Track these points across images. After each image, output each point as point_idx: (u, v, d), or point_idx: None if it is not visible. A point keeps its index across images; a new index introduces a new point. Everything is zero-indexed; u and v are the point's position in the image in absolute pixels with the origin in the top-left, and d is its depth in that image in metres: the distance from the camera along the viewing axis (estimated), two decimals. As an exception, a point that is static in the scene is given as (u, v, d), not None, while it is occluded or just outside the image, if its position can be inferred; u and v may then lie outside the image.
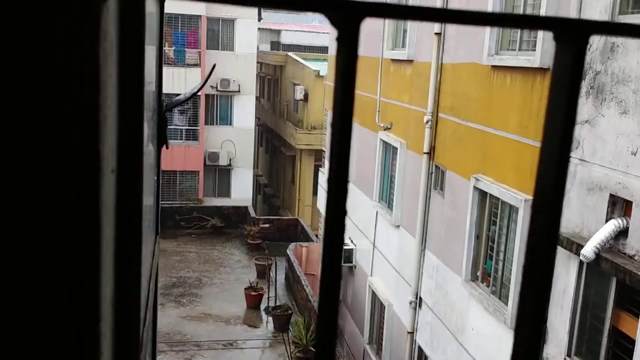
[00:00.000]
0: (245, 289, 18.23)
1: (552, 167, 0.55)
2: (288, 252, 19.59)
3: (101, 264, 0.50)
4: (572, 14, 6.86)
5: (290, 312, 16.98)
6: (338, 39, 0.51)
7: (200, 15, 25.79)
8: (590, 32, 0.54)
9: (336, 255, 0.48)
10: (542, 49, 7.39)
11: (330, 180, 0.53)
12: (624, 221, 6.08)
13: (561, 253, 6.99)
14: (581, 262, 6.57)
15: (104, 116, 0.49)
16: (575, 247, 6.54)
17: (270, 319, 17.20)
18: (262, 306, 18.04)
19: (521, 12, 8.17)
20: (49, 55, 0.43)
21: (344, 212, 0.52)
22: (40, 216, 0.47)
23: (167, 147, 1.78)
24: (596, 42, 6.55)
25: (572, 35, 0.53)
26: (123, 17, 0.61)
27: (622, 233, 6.10)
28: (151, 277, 1.35)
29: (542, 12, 7.42)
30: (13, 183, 0.46)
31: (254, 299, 17.99)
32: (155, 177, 1.70)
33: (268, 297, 17.90)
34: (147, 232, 1.32)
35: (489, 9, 8.63)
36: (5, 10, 0.43)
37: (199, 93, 25.79)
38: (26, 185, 0.46)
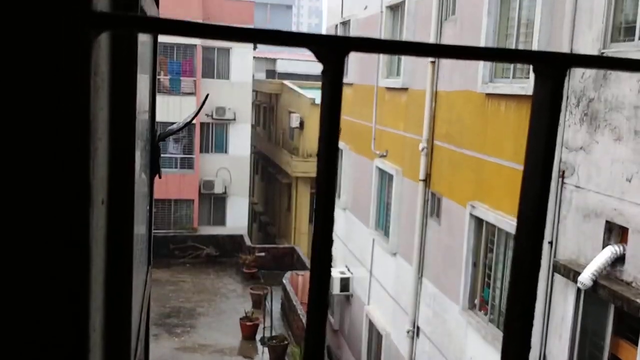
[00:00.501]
0: (240, 319, 18.04)
1: (534, 197, 0.56)
2: (284, 281, 19.45)
3: (90, 295, 0.50)
4: (565, 41, 6.96)
5: (286, 342, 16.79)
6: (323, 72, 0.52)
7: (196, 45, 26.04)
8: (568, 65, 0.55)
9: (324, 287, 0.48)
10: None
11: (317, 211, 0.53)
12: (621, 248, 6.08)
13: (558, 280, 6.97)
14: (579, 290, 6.54)
15: (94, 148, 0.50)
16: (572, 274, 6.52)
17: (266, 349, 16.98)
18: (258, 337, 17.84)
19: (514, 39, 8.29)
20: (40, 89, 0.44)
21: (330, 240, 0.52)
22: (29, 246, 0.47)
23: (159, 177, 1.78)
24: (588, 69, 6.64)
25: (551, 68, 0.54)
26: (115, 52, 0.62)
27: (619, 260, 6.09)
28: (143, 308, 1.34)
29: (535, 40, 7.53)
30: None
31: (249, 330, 17.79)
32: (148, 207, 1.70)
33: (264, 327, 17.71)
34: (139, 262, 1.31)
35: (482, 37, 8.75)
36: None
37: (194, 121, 25.89)
38: (16, 214, 0.47)
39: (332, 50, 0.52)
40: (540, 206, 0.55)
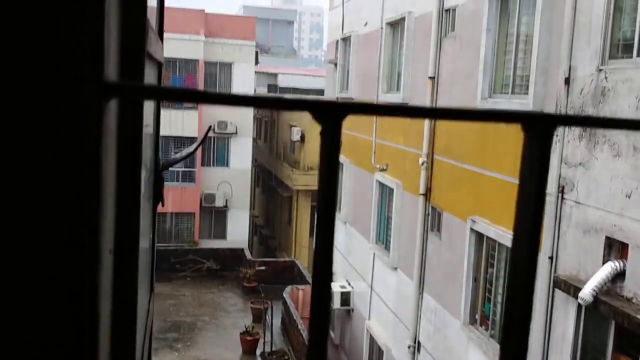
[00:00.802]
0: (240, 333, 17.97)
1: (523, 250, 0.59)
2: (284, 295, 19.40)
3: (99, 345, 0.52)
4: (563, 58, 7.01)
5: (286, 357, 16.72)
6: (321, 133, 0.54)
7: (198, 60, 26.19)
8: (555, 124, 0.58)
9: (325, 300, 0.50)
10: (534, 93, 7.52)
11: (314, 273, 0.55)
12: (621, 263, 6.08)
13: (559, 296, 6.96)
14: (579, 305, 6.54)
15: (103, 202, 0.52)
16: (572, 289, 6.52)
17: (267, 363, 16.91)
18: (258, 351, 17.76)
19: (513, 55, 8.33)
20: (52, 155, 0.47)
21: (330, 261, 0.54)
22: (37, 300, 0.49)
23: (162, 205, 1.81)
24: (587, 85, 6.67)
25: (539, 128, 0.57)
26: (123, 113, 0.65)
27: (620, 275, 6.09)
28: (145, 336, 1.36)
29: (534, 56, 7.57)
30: (12, 269, 0.49)
31: (249, 344, 17.72)
32: (151, 236, 1.73)
33: (264, 342, 17.64)
34: (142, 292, 1.33)
35: (482, 54, 8.80)
36: (13, 104, 0.47)
37: (195, 135, 25.97)
38: (28, 268, 0.49)
39: (331, 114, 0.55)
40: (530, 265, 0.57)
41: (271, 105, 0.54)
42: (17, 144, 0.46)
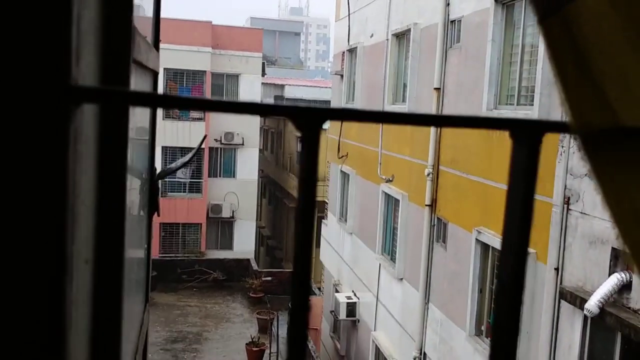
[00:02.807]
0: (246, 344, 17.92)
1: (511, 256, 0.57)
2: (290, 305, 19.31)
3: (67, 356, 0.51)
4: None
5: (292, 367, 16.63)
6: (300, 140, 0.54)
7: (205, 71, 26.31)
8: (543, 131, 0.56)
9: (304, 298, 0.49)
10: (539, 103, 7.49)
11: (294, 277, 0.55)
12: (627, 275, 6.03)
13: (565, 307, 6.90)
14: (585, 317, 6.48)
15: (74, 214, 0.51)
16: (579, 301, 6.46)
17: (273, 375, 16.83)
18: (264, 362, 17.69)
19: (518, 66, 8.32)
20: (16, 160, 0.45)
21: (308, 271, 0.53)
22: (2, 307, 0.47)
23: (158, 215, 1.80)
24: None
25: (527, 134, 0.55)
26: (104, 118, 0.64)
27: (626, 287, 6.04)
28: (137, 351, 1.34)
29: (539, 67, 7.55)
30: None
31: (255, 355, 17.66)
32: (146, 246, 1.71)
33: (270, 353, 17.57)
34: (134, 303, 1.32)
35: (487, 65, 8.79)
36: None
37: (203, 146, 26.04)
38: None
39: (309, 119, 0.54)
40: (519, 271, 0.56)
41: (249, 110, 0.53)
42: None
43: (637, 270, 0.52)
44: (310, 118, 0.52)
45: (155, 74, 1.59)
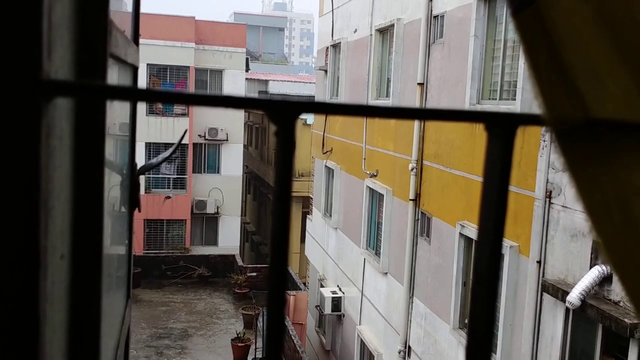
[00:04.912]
0: (232, 340, 17.90)
1: (487, 246, 0.58)
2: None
3: (41, 352, 0.50)
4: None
5: (278, 363, 16.64)
6: (276, 134, 0.54)
7: (189, 66, 26.16)
8: (517, 123, 0.57)
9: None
10: (522, 98, 7.55)
11: (271, 260, 0.55)
12: (608, 267, 6.10)
13: (547, 300, 6.98)
14: (567, 309, 6.55)
15: (49, 208, 0.50)
16: (560, 293, 6.54)
17: (258, 370, 16.84)
18: (250, 357, 17.69)
19: (500, 61, 8.37)
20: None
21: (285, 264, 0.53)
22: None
23: (139, 211, 1.79)
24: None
25: (501, 127, 0.56)
26: (79, 112, 0.63)
27: (607, 279, 6.11)
28: (119, 346, 1.34)
29: (521, 62, 7.61)
30: None
31: (241, 351, 17.65)
32: (127, 241, 1.70)
33: (255, 348, 17.58)
34: (115, 299, 1.31)
35: (469, 60, 8.83)
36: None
37: (187, 142, 25.92)
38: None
39: (284, 113, 0.54)
40: (494, 264, 0.56)
41: (225, 104, 0.53)
42: None
43: (607, 259, 0.53)
44: (285, 111, 0.52)
45: (135, 69, 1.58)
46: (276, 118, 0.52)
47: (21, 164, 0.45)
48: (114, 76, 1.10)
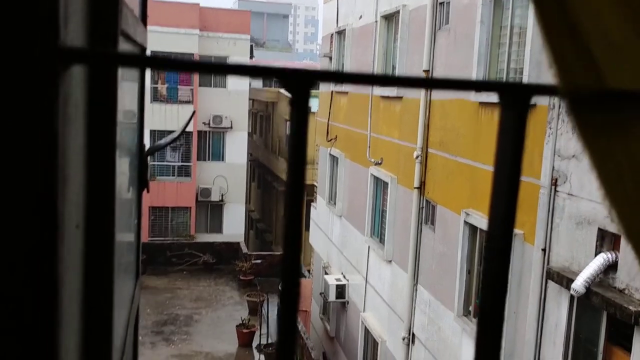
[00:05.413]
0: (237, 326, 18.01)
1: (499, 229, 0.58)
2: (280, 288, 19.42)
3: (59, 319, 0.51)
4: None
5: (282, 349, 16.75)
6: (291, 103, 0.54)
7: (193, 54, 26.09)
8: (531, 93, 0.57)
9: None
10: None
11: (285, 235, 0.55)
12: (613, 255, 6.10)
13: (552, 287, 6.99)
14: (572, 297, 6.56)
15: (64, 176, 0.51)
16: (565, 281, 6.54)
17: (263, 356, 16.95)
18: (254, 344, 17.81)
19: (507, 48, 8.32)
20: (5, 124, 0.45)
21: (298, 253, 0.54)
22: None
23: (147, 191, 1.80)
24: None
25: (515, 98, 0.56)
26: (93, 81, 0.63)
27: (612, 267, 6.11)
28: (129, 324, 1.35)
29: (527, 49, 7.56)
30: None
31: (245, 337, 17.76)
32: (136, 221, 1.71)
33: (260, 335, 17.68)
34: (125, 277, 1.32)
35: (475, 46, 8.79)
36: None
37: (191, 130, 25.93)
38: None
39: (299, 81, 0.54)
40: (506, 238, 0.57)
41: (239, 72, 0.53)
42: None
43: (620, 228, 0.53)
44: (300, 79, 0.52)
45: (143, 49, 1.58)
46: (291, 87, 0.52)
47: (40, 129, 0.45)
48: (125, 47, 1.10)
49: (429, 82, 0.57)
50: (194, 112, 3.76)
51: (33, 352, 0.48)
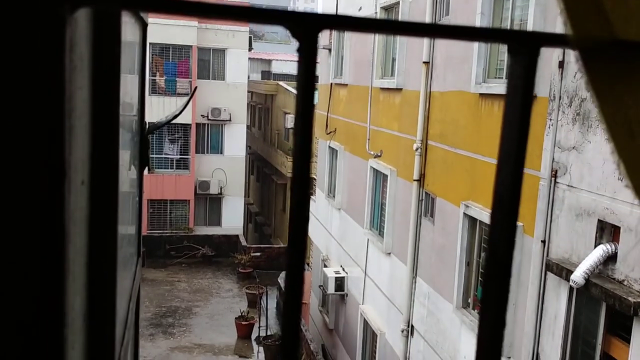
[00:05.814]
0: (236, 318, 18.04)
1: (508, 178, 0.57)
2: (279, 280, 19.48)
3: (66, 274, 0.51)
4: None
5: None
6: (298, 50, 0.53)
7: (192, 46, 26.02)
8: (540, 43, 0.56)
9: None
10: (528, 77, 7.49)
11: (293, 189, 0.54)
12: (613, 246, 6.11)
13: (551, 279, 7.00)
14: (571, 288, 6.57)
15: (70, 126, 0.50)
16: (565, 272, 6.55)
17: (262, 348, 16.99)
18: (253, 336, 17.84)
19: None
20: (10, 66, 0.45)
21: (306, 217, 0.53)
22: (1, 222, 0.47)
23: (149, 171, 1.79)
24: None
25: (524, 47, 0.55)
26: (96, 32, 0.63)
27: (611, 258, 6.12)
28: (131, 299, 1.35)
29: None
30: None
31: (244, 329, 17.80)
32: (138, 198, 1.71)
33: (259, 327, 17.72)
34: (127, 250, 1.31)
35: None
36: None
37: (190, 122, 25.88)
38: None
39: (307, 26, 0.53)
40: (514, 191, 0.56)
41: (244, 16, 0.52)
42: None
43: (628, 182, 0.53)
44: (308, 24, 0.51)
45: (144, 25, 1.57)
46: (298, 32, 0.51)
47: (47, 71, 0.45)
48: (125, 29, 1.09)
49: (435, 28, 0.56)
50: (195, 88, 3.73)
51: (40, 297, 0.48)
